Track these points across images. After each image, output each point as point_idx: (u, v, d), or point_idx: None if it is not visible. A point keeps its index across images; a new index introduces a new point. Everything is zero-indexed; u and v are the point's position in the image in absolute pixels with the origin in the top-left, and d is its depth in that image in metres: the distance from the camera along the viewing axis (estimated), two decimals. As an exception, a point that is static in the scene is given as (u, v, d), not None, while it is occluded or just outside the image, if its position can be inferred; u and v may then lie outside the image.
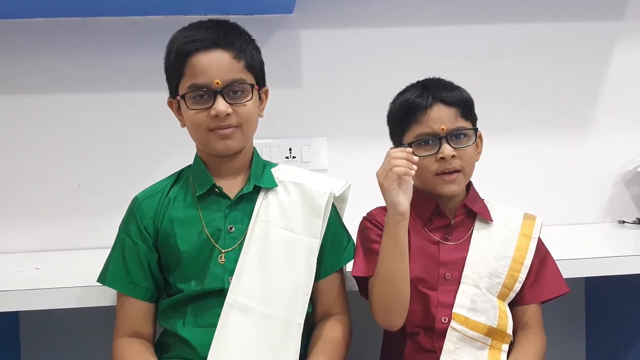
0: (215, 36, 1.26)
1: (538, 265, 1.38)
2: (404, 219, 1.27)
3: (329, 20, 1.93)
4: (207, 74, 1.24)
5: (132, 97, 1.89)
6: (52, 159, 1.87)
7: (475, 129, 1.37)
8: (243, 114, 1.27)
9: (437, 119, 1.33)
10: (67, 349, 1.85)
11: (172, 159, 1.46)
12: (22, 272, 1.60)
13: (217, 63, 1.25)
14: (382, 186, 1.28)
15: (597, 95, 2.04)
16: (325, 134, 1.95)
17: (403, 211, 1.27)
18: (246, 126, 1.29)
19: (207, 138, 1.28)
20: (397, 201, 1.27)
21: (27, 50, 1.85)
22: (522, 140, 2.01)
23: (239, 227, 1.31)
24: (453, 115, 1.34)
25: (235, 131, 1.27)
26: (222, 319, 1.25)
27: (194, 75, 1.25)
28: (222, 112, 1.24)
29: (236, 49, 1.27)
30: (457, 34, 1.98)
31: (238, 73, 1.27)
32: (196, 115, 1.26)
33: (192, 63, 1.25)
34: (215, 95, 1.25)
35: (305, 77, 1.94)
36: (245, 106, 1.27)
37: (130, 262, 1.30)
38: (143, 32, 1.86)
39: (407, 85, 1.42)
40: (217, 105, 1.24)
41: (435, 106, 1.34)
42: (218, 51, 1.26)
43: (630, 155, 2.04)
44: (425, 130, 1.34)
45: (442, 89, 1.36)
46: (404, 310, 1.31)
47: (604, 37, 2.03)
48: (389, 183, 1.26)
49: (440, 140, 1.33)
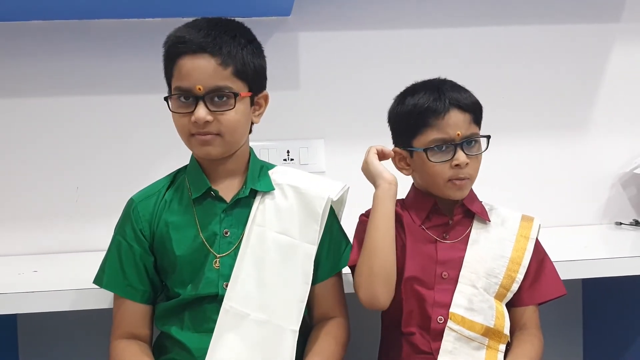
0: (203, 40, 1.22)
1: (536, 267, 1.38)
2: (390, 188, 1.34)
3: (326, 22, 1.94)
4: (190, 78, 1.22)
5: (130, 99, 1.89)
6: (49, 162, 1.87)
7: (488, 136, 1.36)
8: (224, 122, 1.24)
9: (453, 124, 1.31)
10: (65, 351, 1.85)
11: (170, 162, 1.46)
12: (20, 275, 1.60)
13: (200, 68, 1.22)
14: (366, 162, 1.40)
15: (594, 97, 2.04)
16: (323, 136, 1.95)
17: (389, 178, 1.35)
18: (229, 135, 1.26)
19: (189, 142, 1.28)
20: (380, 170, 1.37)
21: (24, 53, 1.85)
22: (520, 141, 2.02)
23: (234, 232, 1.30)
24: (468, 120, 1.33)
25: (215, 138, 1.25)
26: (218, 325, 1.25)
27: (180, 78, 1.24)
28: (201, 119, 1.22)
29: (224, 54, 1.22)
30: (455, 36, 1.98)
31: (223, 80, 1.23)
32: (180, 119, 1.26)
33: (179, 65, 1.24)
34: (197, 100, 1.23)
35: (303, 80, 1.94)
36: (226, 115, 1.24)
37: (126, 265, 1.30)
38: (140, 34, 1.86)
39: (415, 85, 1.39)
40: (197, 111, 1.22)
41: (452, 111, 1.32)
42: (204, 56, 1.22)
43: (628, 157, 2.04)
44: (441, 136, 1.32)
45: (456, 91, 1.34)
46: (388, 282, 1.30)
47: (601, 39, 2.03)
48: (370, 156, 1.40)
49: (456, 147, 1.32)
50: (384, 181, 1.35)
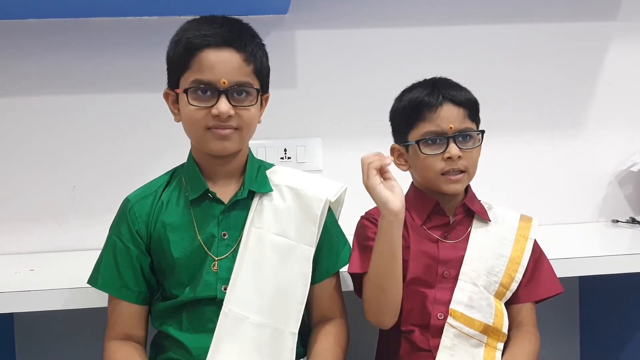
0: (229, 35, 1.22)
1: (533, 265, 1.39)
2: (396, 220, 1.26)
3: (323, 20, 1.93)
4: (214, 71, 1.21)
5: (127, 98, 1.88)
6: (46, 161, 1.87)
7: (482, 131, 1.37)
8: (244, 118, 1.24)
9: (446, 118, 1.33)
10: (62, 350, 1.85)
11: (167, 160, 1.46)
12: (17, 274, 1.59)
13: (226, 62, 1.21)
14: (368, 187, 1.27)
15: (590, 95, 2.05)
16: (320, 134, 1.95)
17: (395, 209, 1.25)
18: (246, 130, 1.26)
19: (203, 136, 1.24)
20: (385, 198, 1.25)
21: (21, 51, 1.84)
22: (516, 139, 2.02)
23: (232, 234, 1.29)
24: (462, 115, 1.34)
25: (233, 133, 1.24)
26: (217, 328, 1.24)
27: (200, 71, 1.21)
28: (225, 113, 1.21)
29: (248, 52, 1.23)
30: (452, 34, 1.98)
31: (246, 76, 1.24)
32: (196, 112, 1.23)
33: (200, 58, 1.21)
34: (220, 94, 1.21)
35: (300, 78, 1.94)
36: (248, 110, 1.24)
37: (122, 266, 1.29)
38: (138, 33, 1.86)
39: (414, 83, 1.42)
40: (219, 105, 1.21)
41: (445, 105, 1.34)
42: (230, 50, 1.22)
43: (624, 155, 2.05)
44: (434, 129, 1.34)
45: (451, 88, 1.36)
46: (394, 312, 1.31)
47: (597, 37, 2.03)
48: (372, 181, 1.26)
49: (448, 140, 1.33)
50: (389, 213, 1.26)
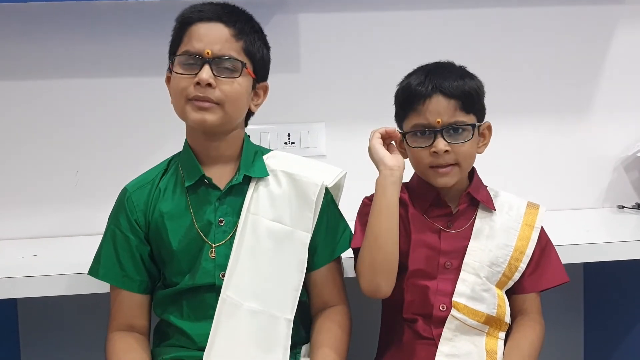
0: (220, 11, 1.26)
1: (539, 254, 1.37)
2: (391, 175, 1.29)
3: (327, 3, 1.91)
4: (201, 42, 1.23)
5: (129, 82, 1.87)
6: (49, 146, 1.86)
7: (473, 124, 1.32)
8: (226, 92, 1.23)
9: (434, 111, 1.29)
10: (65, 335, 1.86)
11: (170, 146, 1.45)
12: (20, 259, 1.60)
13: (213, 34, 1.24)
14: (369, 148, 1.34)
15: (596, 80, 2.03)
16: (324, 119, 1.94)
17: (389, 164, 1.30)
18: (229, 105, 1.24)
19: (184, 108, 1.25)
20: (382, 154, 1.31)
21: (23, 35, 1.83)
22: (521, 125, 2.00)
23: (229, 220, 1.29)
24: (452, 108, 1.29)
25: (214, 107, 1.23)
26: (216, 314, 1.25)
27: (190, 42, 1.25)
28: (204, 80, 1.21)
29: (237, 28, 1.26)
30: (458, 17, 1.96)
31: (232, 51, 1.25)
32: (180, 80, 1.24)
33: (190, 31, 1.25)
34: (203, 64, 1.23)
35: (304, 62, 1.92)
36: (230, 84, 1.24)
37: (122, 255, 1.29)
38: (141, 16, 1.84)
39: (416, 68, 1.38)
40: (201, 72, 1.22)
41: (434, 97, 1.29)
42: (218, 24, 1.25)
43: (630, 140, 2.03)
44: (421, 122, 1.30)
45: (445, 78, 1.30)
46: (390, 274, 1.29)
47: (604, 21, 2.01)
48: (372, 140, 1.34)
49: (436, 134, 1.29)
50: (385, 167, 1.31)
